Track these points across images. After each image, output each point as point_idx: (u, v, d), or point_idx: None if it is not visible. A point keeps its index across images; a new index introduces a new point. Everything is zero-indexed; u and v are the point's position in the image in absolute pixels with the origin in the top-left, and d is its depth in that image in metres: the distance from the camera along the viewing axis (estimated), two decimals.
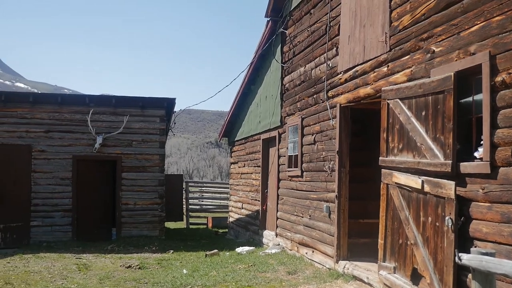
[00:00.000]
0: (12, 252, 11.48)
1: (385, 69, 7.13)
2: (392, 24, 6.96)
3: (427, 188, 5.65)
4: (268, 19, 12.47)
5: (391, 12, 7.01)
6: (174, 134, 17.78)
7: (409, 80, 6.40)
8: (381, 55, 7.24)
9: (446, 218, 5.22)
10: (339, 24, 8.69)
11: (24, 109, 13.38)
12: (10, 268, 9.50)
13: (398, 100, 6.38)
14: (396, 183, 6.36)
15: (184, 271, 9.09)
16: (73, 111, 13.68)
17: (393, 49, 6.91)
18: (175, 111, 15.43)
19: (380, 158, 6.78)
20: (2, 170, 12.84)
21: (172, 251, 11.99)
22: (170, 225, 19.57)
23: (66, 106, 13.69)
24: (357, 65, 7.97)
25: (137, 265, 9.73)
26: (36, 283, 8.20)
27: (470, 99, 5.34)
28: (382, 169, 6.75)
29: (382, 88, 6.86)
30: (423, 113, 5.84)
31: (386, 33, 7.10)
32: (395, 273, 6.35)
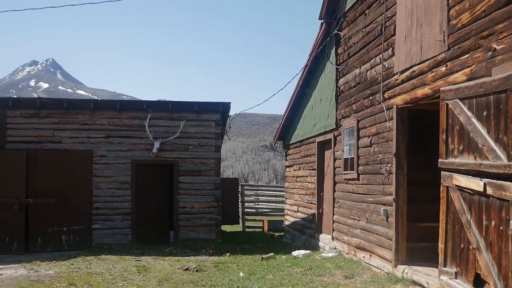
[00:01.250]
0: (75, 254, 11.87)
1: (443, 68, 6.95)
2: (451, 23, 6.78)
3: (489, 190, 5.45)
4: (322, 21, 12.37)
5: (449, 10, 6.83)
6: (229, 138, 17.96)
7: (468, 80, 6.21)
8: (439, 54, 7.06)
9: (511, 221, 5.03)
10: (395, 24, 8.54)
11: (85, 116, 13.79)
12: (73, 269, 9.84)
13: (457, 100, 6.20)
14: (456, 185, 6.18)
15: (241, 274, 9.15)
16: (131, 117, 14.01)
17: (452, 48, 6.73)
18: (230, 115, 15.56)
19: (440, 160, 6.60)
20: (65, 175, 13.27)
21: (228, 254, 12.08)
22: (226, 228, 19.75)
23: (125, 112, 14.02)
24: (414, 65, 7.81)
25: (195, 268, 9.86)
26: (98, 284, 8.45)
27: None
28: (441, 172, 6.57)
29: (441, 88, 6.69)
30: (485, 113, 5.65)
31: (444, 31, 6.92)
32: (456, 279, 6.17)
